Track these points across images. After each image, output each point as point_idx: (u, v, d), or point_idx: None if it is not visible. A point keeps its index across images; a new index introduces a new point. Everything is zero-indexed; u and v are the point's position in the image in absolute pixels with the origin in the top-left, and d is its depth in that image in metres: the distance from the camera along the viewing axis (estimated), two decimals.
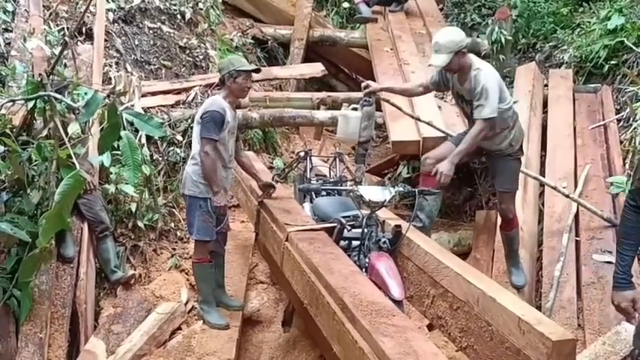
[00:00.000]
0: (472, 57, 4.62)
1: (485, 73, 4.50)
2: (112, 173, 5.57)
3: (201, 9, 8.54)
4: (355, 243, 4.43)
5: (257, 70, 4.91)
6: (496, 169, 4.92)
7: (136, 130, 5.69)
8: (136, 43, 7.38)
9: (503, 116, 4.56)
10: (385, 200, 4.41)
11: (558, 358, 2.87)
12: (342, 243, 4.48)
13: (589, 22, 8.22)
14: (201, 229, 4.65)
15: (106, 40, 6.93)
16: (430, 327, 4.95)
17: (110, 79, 6.51)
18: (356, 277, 3.77)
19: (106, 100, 4.48)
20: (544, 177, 5.99)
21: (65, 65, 5.96)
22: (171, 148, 6.45)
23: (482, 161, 4.99)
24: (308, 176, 5.63)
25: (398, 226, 4.36)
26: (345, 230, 4.42)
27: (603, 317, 4.48)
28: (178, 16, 8.13)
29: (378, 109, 6.74)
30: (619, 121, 6.67)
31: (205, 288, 4.86)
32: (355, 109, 5.83)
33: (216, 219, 4.72)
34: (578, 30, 8.43)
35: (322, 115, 7.52)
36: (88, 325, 4.94)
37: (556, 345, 2.85)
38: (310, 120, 7.58)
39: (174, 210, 6.16)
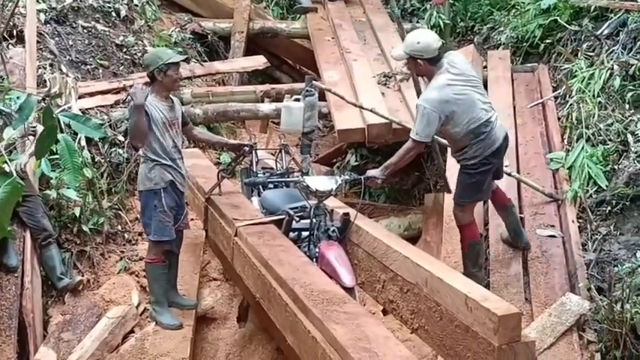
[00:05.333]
0: (439, 76, 4.36)
1: (426, 92, 4.40)
2: (52, 178, 5.43)
3: (137, 5, 8.39)
4: (305, 233, 4.45)
5: (186, 60, 4.86)
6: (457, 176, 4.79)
7: (75, 133, 5.56)
8: (71, 43, 7.19)
9: (454, 138, 4.45)
10: (332, 189, 4.43)
11: (505, 332, 2.94)
12: (292, 234, 4.49)
13: (523, 3, 8.38)
14: (159, 230, 4.56)
15: (38, 42, 6.72)
16: (385, 312, 5.00)
17: (45, 81, 6.34)
18: (306, 268, 3.79)
19: (42, 104, 4.36)
20: None
21: None
22: (114, 149, 6.32)
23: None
24: (254, 170, 5.60)
25: (346, 214, 4.39)
26: (294, 221, 4.42)
27: (549, 290, 4.61)
28: (113, 14, 7.97)
29: (322, 98, 6.78)
30: (556, 98, 6.82)
31: (157, 289, 4.79)
32: (298, 99, 5.84)
33: (174, 217, 4.65)
34: (513, 11, 8.60)
35: (267, 107, 7.50)
36: (36, 334, 4.83)
37: (502, 319, 2.93)
38: (255, 113, 7.55)
39: (120, 212, 6.06)
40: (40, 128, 5.04)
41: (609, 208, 5.04)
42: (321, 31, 9.02)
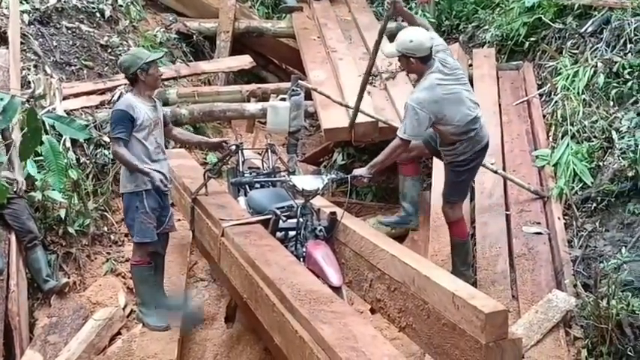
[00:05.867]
0: (430, 75, 4.38)
1: (416, 92, 4.40)
2: (37, 180, 5.38)
3: (121, 6, 8.34)
4: (292, 233, 4.43)
5: (165, 56, 4.87)
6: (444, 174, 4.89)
7: (60, 134, 5.52)
8: (55, 44, 7.13)
9: (446, 134, 4.49)
10: (318, 188, 4.42)
11: (492, 330, 2.95)
12: (279, 234, 4.47)
13: (508, 1, 8.44)
14: (141, 231, 4.57)
15: (22, 43, 6.66)
16: (373, 310, 5.00)
17: (29, 83, 6.29)
18: (293, 268, 3.78)
19: (26, 105, 4.33)
20: None
21: None
22: (99, 150, 6.27)
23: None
24: (241, 169, 5.58)
25: (333, 213, 4.38)
26: (281, 221, 4.41)
27: (535, 286, 4.63)
28: (97, 14, 7.92)
29: (309, 97, 6.78)
30: (541, 95, 6.88)
31: (144, 290, 4.78)
32: (284, 99, 5.84)
33: (158, 219, 4.64)
34: (498, 9, 8.65)
35: (253, 107, 7.48)
36: (22, 337, 4.78)
37: (489, 317, 2.93)
38: (241, 113, 7.53)
39: (106, 213, 6.02)
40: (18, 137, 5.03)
41: (594, 204, 5.09)
42: (307, 30, 9.01)
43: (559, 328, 4.22)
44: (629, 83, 5.72)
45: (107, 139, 6.34)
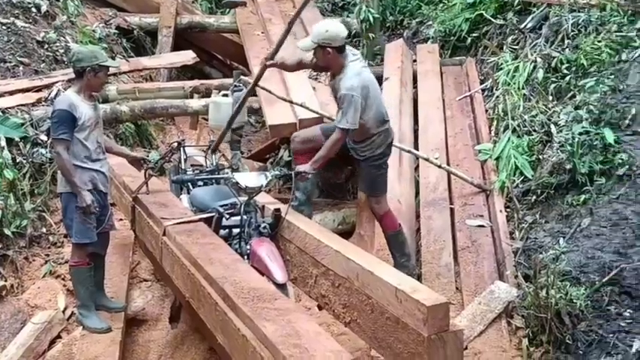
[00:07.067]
0: (350, 64, 4.42)
1: (346, 81, 4.36)
2: None
3: (58, 0, 8.08)
4: (236, 231, 4.38)
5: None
6: (359, 171, 4.95)
7: None
8: None
9: (364, 126, 4.48)
10: (262, 185, 4.38)
11: (434, 322, 2.97)
12: (223, 232, 4.41)
13: None
14: (80, 232, 4.43)
15: None
16: (320, 307, 4.98)
17: None
18: (237, 266, 3.72)
19: None
20: (417, 149, 6.17)
21: None
22: (36, 149, 6.06)
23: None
24: (183, 167, 5.48)
25: (277, 210, 4.35)
26: (224, 219, 4.35)
27: (478, 278, 4.70)
28: (33, 9, 7.69)
29: (254, 94, 6.70)
30: (483, 91, 6.99)
31: (83, 292, 4.64)
32: (226, 95, 5.76)
33: (97, 219, 4.51)
34: (441, 5, 8.77)
35: (196, 103, 7.37)
36: None
37: (430, 310, 2.95)
38: (184, 110, 7.41)
39: (44, 214, 5.82)
40: None
41: (535, 197, 5.19)
42: (251, 25, 8.94)
43: (501, 318, 4.29)
44: (567, 78, 5.85)
45: (44, 138, 6.14)
